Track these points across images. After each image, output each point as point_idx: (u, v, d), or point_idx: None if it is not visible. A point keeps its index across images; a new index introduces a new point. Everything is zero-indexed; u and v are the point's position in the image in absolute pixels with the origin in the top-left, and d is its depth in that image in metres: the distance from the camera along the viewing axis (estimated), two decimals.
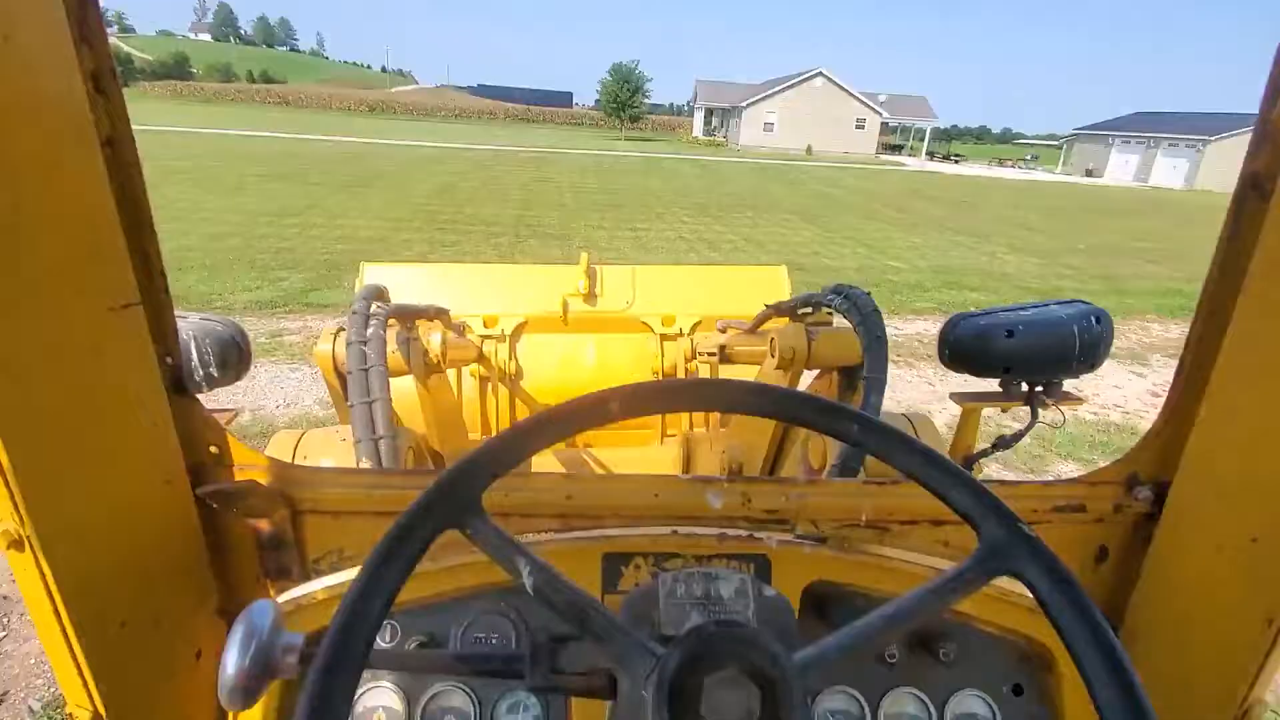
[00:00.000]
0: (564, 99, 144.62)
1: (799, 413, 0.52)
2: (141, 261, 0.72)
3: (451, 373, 2.18)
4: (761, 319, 1.86)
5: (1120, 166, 50.42)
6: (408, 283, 2.61)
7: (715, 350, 2.11)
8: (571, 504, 0.85)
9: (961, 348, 1.20)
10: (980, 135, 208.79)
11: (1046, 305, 1.22)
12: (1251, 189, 0.75)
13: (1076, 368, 1.18)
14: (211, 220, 10.85)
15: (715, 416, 2.57)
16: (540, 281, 2.66)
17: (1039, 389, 1.25)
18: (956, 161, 60.68)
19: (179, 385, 0.80)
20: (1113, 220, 20.93)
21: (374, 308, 1.35)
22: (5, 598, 2.85)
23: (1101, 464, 4.60)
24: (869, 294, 1.30)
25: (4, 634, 2.70)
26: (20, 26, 0.53)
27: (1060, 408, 1.26)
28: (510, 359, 2.56)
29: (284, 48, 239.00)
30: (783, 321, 1.71)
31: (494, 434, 2.48)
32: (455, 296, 2.58)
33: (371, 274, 2.60)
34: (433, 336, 1.57)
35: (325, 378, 1.50)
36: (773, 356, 1.50)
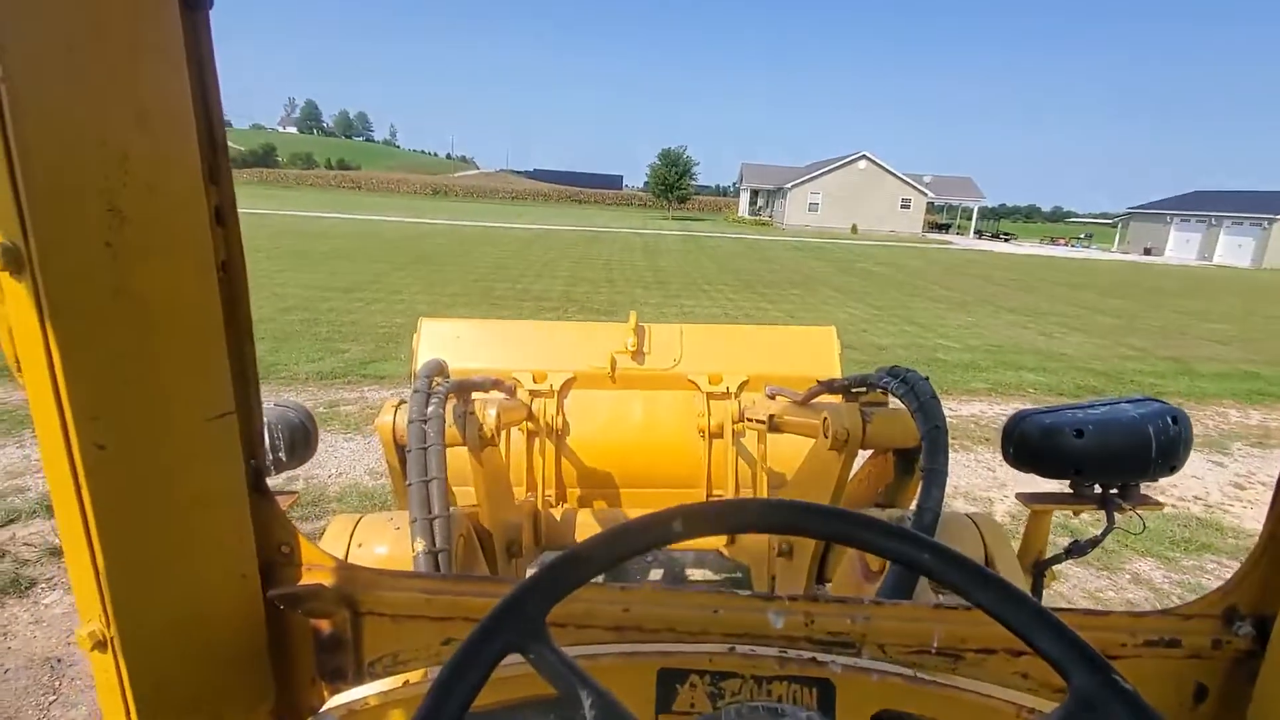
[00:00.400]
0: (614, 181, 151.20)
1: (870, 538, 0.51)
2: (239, 372, 0.76)
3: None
4: (813, 394, 1.84)
5: (1181, 245, 49.01)
6: (463, 337, 2.71)
7: (765, 419, 2.10)
8: (628, 616, 0.83)
9: (1027, 447, 1.15)
10: (1029, 214, 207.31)
11: (1117, 403, 1.17)
12: None
13: (1155, 471, 1.11)
14: (283, 295, 11.55)
15: (764, 478, 2.52)
16: (589, 338, 2.72)
17: (1114, 491, 1.18)
18: (1006, 240, 60.06)
19: (259, 485, 0.83)
20: (1177, 300, 20.15)
21: (435, 383, 1.39)
22: (59, 660, 2.91)
23: (1185, 562, 4.20)
24: (927, 379, 1.26)
25: (54, 698, 2.74)
26: (164, 176, 0.61)
27: (1138, 512, 1.18)
28: (558, 414, 2.59)
29: (360, 138, 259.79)
30: (836, 398, 1.68)
31: (539, 490, 2.49)
32: (507, 351, 2.68)
33: (429, 329, 2.69)
34: (489, 411, 1.59)
35: (384, 448, 1.53)
36: (825, 437, 1.46)
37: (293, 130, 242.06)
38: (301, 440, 1.17)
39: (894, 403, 1.44)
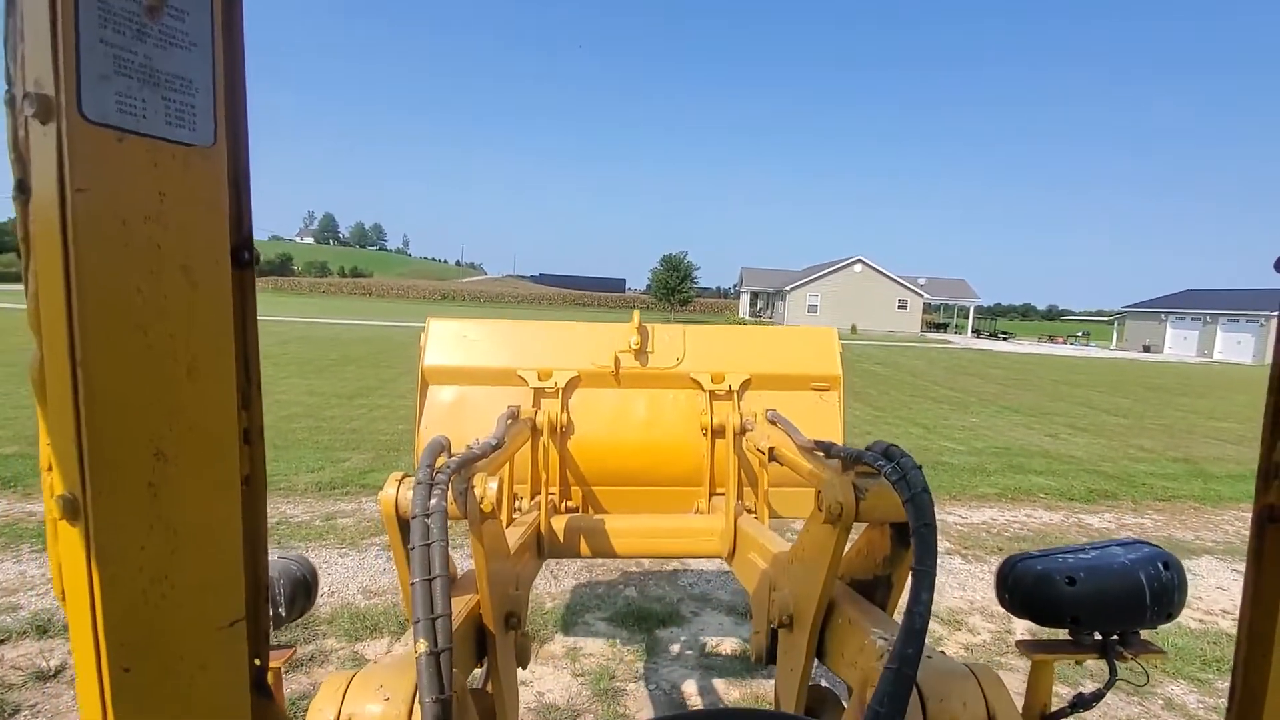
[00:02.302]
0: (617, 285, 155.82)
1: None
2: (252, 580, 0.78)
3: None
4: (811, 446, 1.82)
5: (1179, 342, 49.69)
6: (470, 337, 2.83)
7: (766, 450, 2.13)
8: None
9: (1022, 593, 1.14)
10: (1025, 312, 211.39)
11: (1107, 546, 1.18)
12: (1269, 521, 0.74)
13: (1152, 619, 1.10)
14: (287, 402, 11.66)
15: (764, 502, 2.54)
16: (593, 338, 2.81)
17: (1114, 638, 1.16)
18: (1005, 339, 60.99)
19: (261, 686, 0.83)
20: (1182, 398, 20.14)
21: (439, 467, 1.34)
22: None
23: (1219, 684, 3.94)
24: (920, 467, 1.23)
25: None
26: (204, 415, 0.67)
27: (1140, 661, 1.15)
28: (563, 413, 2.63)
29: (374, 248, 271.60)
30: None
31: (544, 490, 2.44)
32: (512, 350, 2.78)
33: (437, 329, 2.82)
34: (489, 485, 1.52)
35: (385, 523, 1.50)
36: (820, 510, 1.45)
37: (309, 241, 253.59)
38: (302, 594, 1.17)
39: None
